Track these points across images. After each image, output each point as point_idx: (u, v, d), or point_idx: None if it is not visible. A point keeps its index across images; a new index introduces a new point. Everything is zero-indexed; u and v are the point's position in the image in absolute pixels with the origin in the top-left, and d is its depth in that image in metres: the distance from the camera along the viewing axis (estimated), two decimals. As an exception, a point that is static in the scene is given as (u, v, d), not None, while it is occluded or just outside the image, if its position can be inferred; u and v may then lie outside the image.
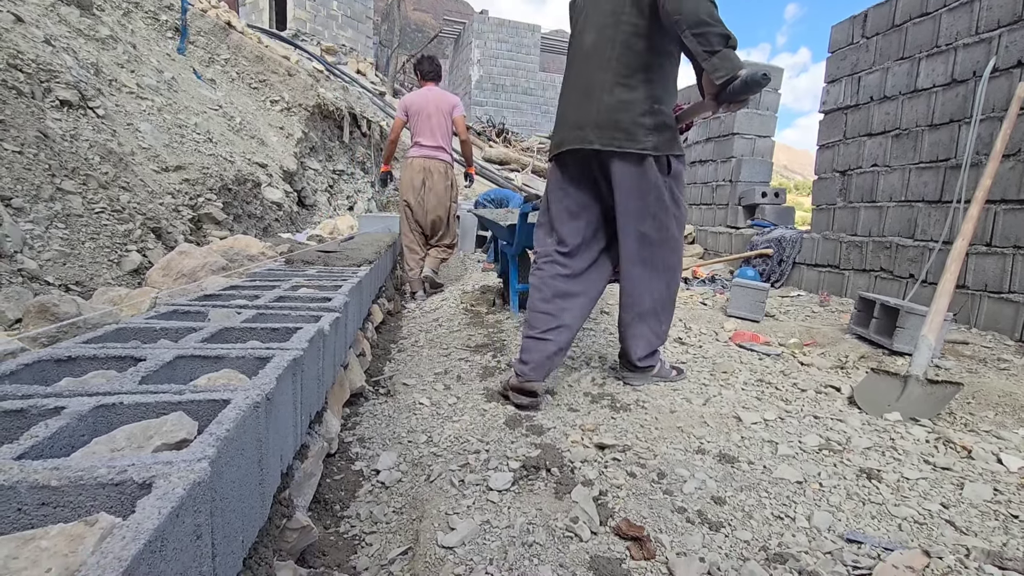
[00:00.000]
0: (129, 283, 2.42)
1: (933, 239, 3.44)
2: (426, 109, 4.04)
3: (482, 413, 1.79)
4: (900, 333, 2.56)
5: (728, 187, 5.81)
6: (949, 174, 3.41)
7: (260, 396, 0.84)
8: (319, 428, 1.39)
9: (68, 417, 0.74)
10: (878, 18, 4.02)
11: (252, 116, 6.50)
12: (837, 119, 4.38)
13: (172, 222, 3.20)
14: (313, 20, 14.42)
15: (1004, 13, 3.11)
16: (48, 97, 2.90)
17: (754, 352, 2.56)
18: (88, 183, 2.68)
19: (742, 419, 1.73)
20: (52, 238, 2.28)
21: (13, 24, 3.02)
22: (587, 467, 1.39)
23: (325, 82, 9.04)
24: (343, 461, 1.53)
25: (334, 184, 7.85)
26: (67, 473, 0.58)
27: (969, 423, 1.82)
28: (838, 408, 1.89)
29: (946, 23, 3.48)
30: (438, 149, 4.10)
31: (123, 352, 1.02)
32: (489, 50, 20.66)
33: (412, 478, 1.43)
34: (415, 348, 2.72)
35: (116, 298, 1.73)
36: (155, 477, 0.58)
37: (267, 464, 0.87)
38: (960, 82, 3.36)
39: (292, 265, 2.50)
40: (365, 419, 1.83)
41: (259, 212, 4.77)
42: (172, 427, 0.75)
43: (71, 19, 4.04)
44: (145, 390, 0.85)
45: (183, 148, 4.07)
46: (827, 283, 4.28)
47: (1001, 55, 3.10)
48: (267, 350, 1.08)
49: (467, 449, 1.52)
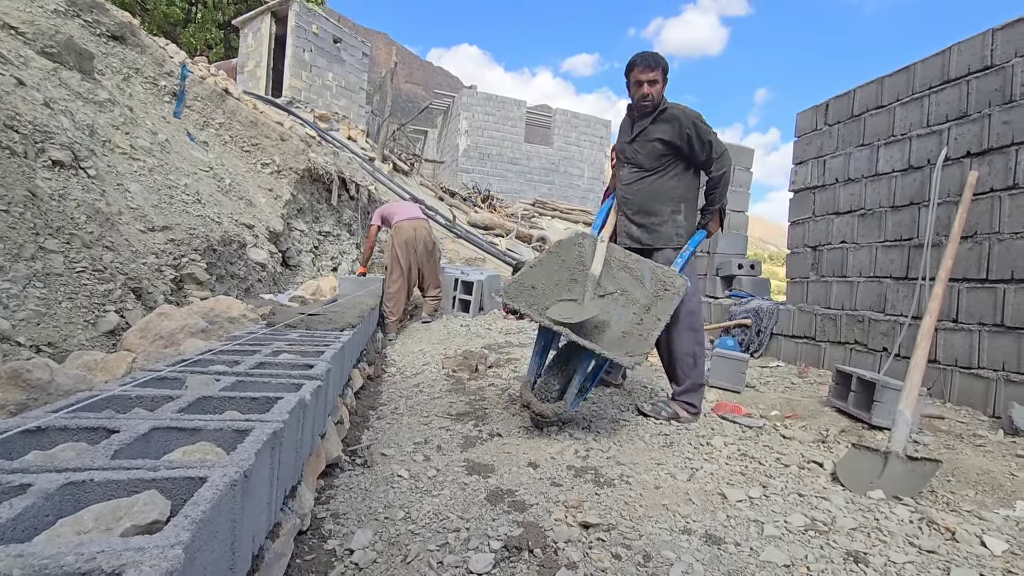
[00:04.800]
0: (104, 344, 2.37)
1: (903, 314, 3.56)
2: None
3: (463, 487, 1.74)
4: (878, 407, 2.59)
5: (706, 258, 5.99)
6: (913, 252, 3.58)
7: (238, 473, 0.81)
8: (292, 503, 1.33)
9: (34, 496, 0.71)
10: (839, 108, 4.34)
11: (242, 178, 6.62)
12: (806, 198, 4.62)
13: (154, 282, 3.17)
14: (308, 89, 15.03)
15: (951, 109, 3.40)
16: (41, 157, 2.93)
17: (736, 424, 2.56)
18: (72, 242, 2.67)
19: (727, 496, 1.70)
20: (28, 297, 2.23)
21: (15, 87, 3.10)
22: (571, 548, 1.35)
23: (316, 147, 9.31)
24: (315, 539, 1.46)
25: (319, 245, 7.91)
26: (31, 561, 0.55)
27: (951, 502, 1.82)
28: (821, 485, 1.87)
29: (900, 115, 3.77)
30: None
31: (96, 423, 0.99)
32: (477, 121, 21.61)
33: (388, 559, 1.36)
34: (395, 415, 2.66)
35: (91, 363, 1.68)
36: (125, 566, 0.56)
37: (239, 546, 0.83)
38: (916, 168, 3.61)
39: (274, 328, 2.48)
40: (340, 492, 1.76)
41: (243, 272, 4.76)
42: (144, 507, 0.73)
43: (71, 83, 4.16)
44: (118, 465, 0.82)
45: (171, 208, 4.10)
46: (804, 354, 4.36)
47: (952, 146, 3.36)
48: (246, 422, 1.05)
49: (447, 527, 1.46)
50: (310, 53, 15.06)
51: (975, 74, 3.27)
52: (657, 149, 2.64)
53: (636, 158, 2.73)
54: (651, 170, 2.70)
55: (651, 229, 2.73)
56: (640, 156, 2.71)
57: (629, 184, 2.76)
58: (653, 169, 2.69)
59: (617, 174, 2.92)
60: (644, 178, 2.72)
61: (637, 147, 2.72)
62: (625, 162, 2.79)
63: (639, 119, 2.73)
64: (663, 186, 2.71)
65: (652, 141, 2.65)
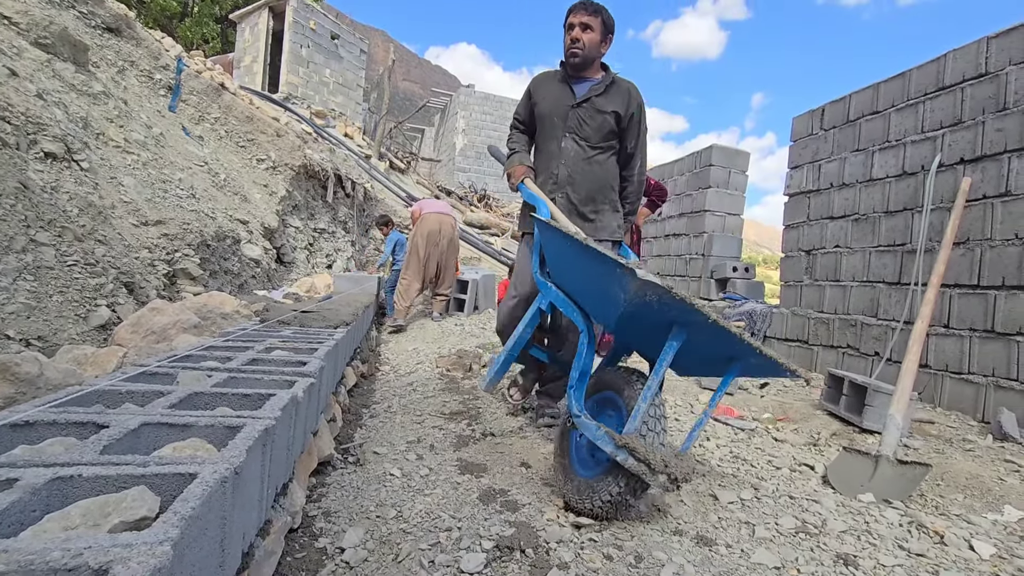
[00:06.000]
0: (95, 339, 2.35)
1: (895, 319, 3.58)
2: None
3: (455, 486, 1.73)
4: (869, 411, 2.61)
5: (701, 261, 6.01)
6: (906, 258, 3.61)
7: (228, 470, 0.81)
8: (284, 501, 1.32)
9: (21, 491, 0.70)
10: (834, 113, 4.37)
11: (237, 173, 6.58)
12: (801, 202, 4.65)
13: (146, 277, 3.15)
14: (305, 85, 14.97)
15: (945, 115, 3.42)
16: (33, 149, 2.91)
17: (729, 426, 2.57)
18: (64, 235, 2.65)
19: (719, 498, 1.71)
20: (18, 290, 2.21)
21: (7, 78, 3.07)
22: (563, 548, 1.35)
23: (313, 143, 9.27)
24: (306, 537, 1.45)
25: (314, 242, 7.88)
26: (16, 556, 0.54)
27: (940, 506, 1.83)
28: (812, 488, 1.88)
29: (895, 121, 3.79)
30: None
31: (85, 417, 0.98)
32: (474, 121, 21.59)
33: (379, 557, 1.35)
34: (388, 414, 2.66)
35: (81, 357, 1.67)
36: (113, 562, 0.55)
37: (229, 544, 0.83)
38: (911, 174, 3.63)
39: (267, 325, 2.46)
40: (332, 490, 1.75)
41: (236, 268, 4.73)
42: (132, 503, 0.72)
43: (65, 74, 4.13)
44: (107, 461, 0.81)
45: (165, 203, 4.07)
46: (797, 357, 4.38)
47: (945, 152, 3.38)
48: (238, 418, 1.05)
49: (438, 526, 1.46)
50: (307, 49, 14.99)
51: (969, 81, 3.29)
52: (608, 123, 2.25)
53: (582, 129, 2.26)
54: (599, 148, 2.28)
55: (597, 221, 2.32)
56: (587, 128, 2.26)
57: (575, 162, 2.28)
58: (600, 148, 2.29)
59: (541, 146, 2.38)
60: (593, 157, 2.29)
61: (583, 116, 2.26)
62: (565, 132, 2.28)
63: (575, 80, 2.31)
64: (610, 170, 2.33)
65: (605, 113, 2.25)
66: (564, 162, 2.28)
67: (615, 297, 1.38)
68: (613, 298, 1.40)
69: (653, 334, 1.46)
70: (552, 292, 1.85)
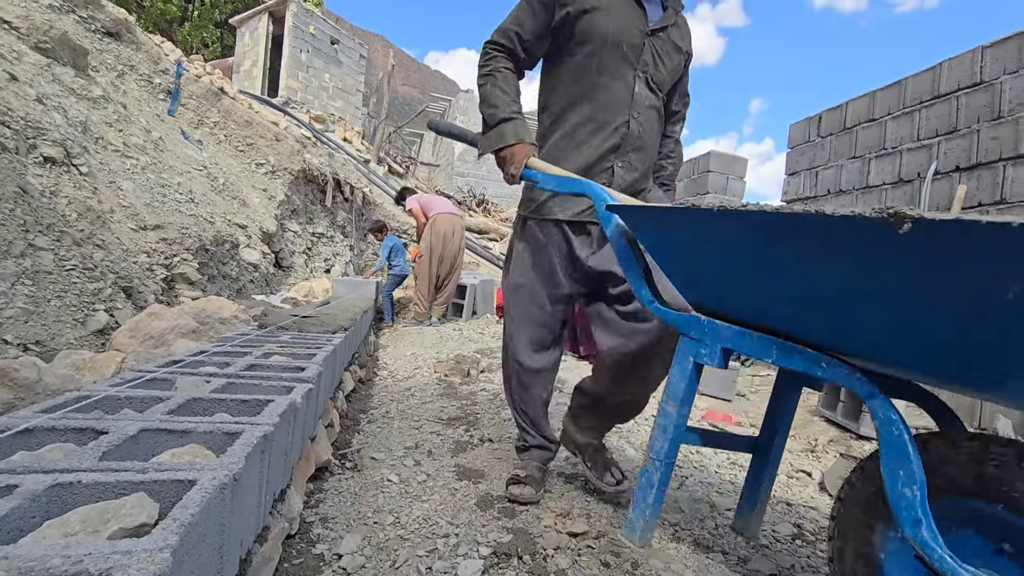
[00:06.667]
0: (93, 344, 2.35)
1: (892, 325, 3.59)
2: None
3: (453, 492, 1.73)
4: (866, 418, 2.62)
5: (698, 266, 6.04)
6: (902, 264, 3.63)
7: (227, 477, 0.81)
8: (281, 507, 1.32)
9: (21, 497, 0.70)
10: (831, 120, 4.40)
11: (236, 177, 6.59)
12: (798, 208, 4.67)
13: (144, 281, 3.15)
14: (304, 90, 15.00)
15: (941, 123, 3.45)
16: (32, 153, 2.91)
17: (726, 433, 2.57)
18: (62, 240, 2.65)
19: (716, 505, 1.71)
20: (16, 295, 2.21)
21: (7, 82, 3.08)
22: (560, 555, 1.35)
23: (312, 148, 9.29)
24: (303, 543, 1.45)
25: (312, 247, 7.89)
26: (16, 563, 0.55)
27: (936, 513, 1.84)
28: (810, 495, 1.89)
29: (891, 129, 3.82)
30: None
31: (84, 423, 0.98)
32: (472, 125, 21.66)
33: (376, 563, 1.35)
34: (386, 419, 2.65)
35: (80, 362, 1.67)
36: (112, 569, 0.55)
37: (228, 550, 0.83)
38: (907, 182, 3.66)
39: (266, 330, 2.46)
40: (329, 496, 1.75)
41: (235, 273, 4.73)
42: (132, 510, 0.72)
43: (65, 79, 4.14)
44: (106, 467, 0.81)
45: (164, 207, 4.07)
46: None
47: (941, 160, 3.41)
48: (236, 424, 1.05)
49: (436, 532, 1.46)
50: (307, 54, 15.04)
51: (965, 90, 3.32)
52: (679, 68, 1.62)
53: (658, 72, 1.54)
54: (662, 103, 1.62)
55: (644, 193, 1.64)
56: (663, 70, 1.56)
57: (648, 119, 1.56)
58: (663, 102, 1.63)
59: (588, 87, 1.51)
60: (657, 108, 1.60)
61: (660, 50, 1.53)
62: (639, 72, 1.51)
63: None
64: (661, 127, 1.67)
65: (680, 53, 1.60)
66: (637, 115, 1.52)
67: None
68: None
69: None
70: (726, 334, 1.09)
